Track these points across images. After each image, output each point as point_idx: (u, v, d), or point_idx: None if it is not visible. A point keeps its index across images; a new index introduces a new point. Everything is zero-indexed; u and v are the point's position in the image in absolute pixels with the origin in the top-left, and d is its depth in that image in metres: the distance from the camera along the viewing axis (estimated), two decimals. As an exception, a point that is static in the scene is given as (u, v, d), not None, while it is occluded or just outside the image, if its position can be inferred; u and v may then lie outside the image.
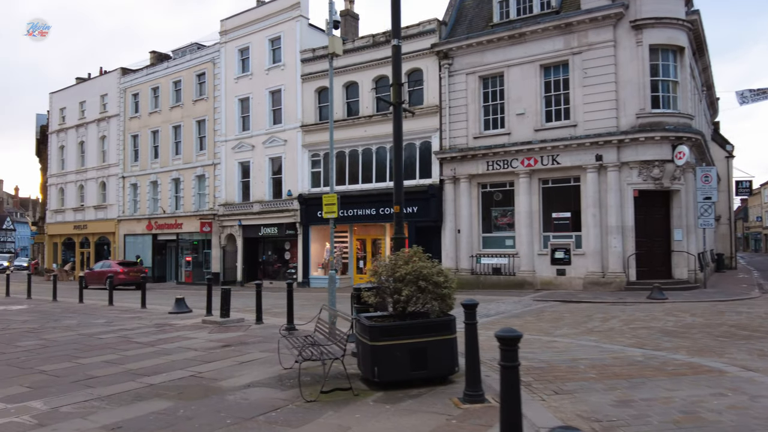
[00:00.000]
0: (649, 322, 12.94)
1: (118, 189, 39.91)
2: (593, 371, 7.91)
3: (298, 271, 29.84)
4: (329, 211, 11.12)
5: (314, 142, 29.21)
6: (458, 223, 24.54)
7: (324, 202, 11.24)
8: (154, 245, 37.61)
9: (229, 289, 13.93)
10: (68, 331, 13.10)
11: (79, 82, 45.85)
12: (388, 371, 6.67)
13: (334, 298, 11.02)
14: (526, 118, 23.23)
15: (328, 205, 11.14)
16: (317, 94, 29.49)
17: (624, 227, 21.43)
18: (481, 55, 24.20)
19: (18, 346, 11.06)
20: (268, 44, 31.46)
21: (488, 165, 23.77)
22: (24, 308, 19.15)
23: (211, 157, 34.01)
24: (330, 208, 11.14)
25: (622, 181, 21.56)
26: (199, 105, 34.97)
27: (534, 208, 23.02)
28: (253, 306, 18.42)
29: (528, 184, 23.04)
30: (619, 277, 21.19)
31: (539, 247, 22.93)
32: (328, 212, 11.12)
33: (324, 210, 11.22)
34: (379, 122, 26.77)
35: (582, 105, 22.21)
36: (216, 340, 11.13)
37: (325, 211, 11.18)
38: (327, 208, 11.15)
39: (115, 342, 11.28)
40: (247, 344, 10.60)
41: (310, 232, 29.45)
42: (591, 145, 21.71)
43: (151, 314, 16.49)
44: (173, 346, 10.63)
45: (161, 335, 12.04)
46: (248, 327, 12.86)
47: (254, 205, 31.41)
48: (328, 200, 11.15)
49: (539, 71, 23.19)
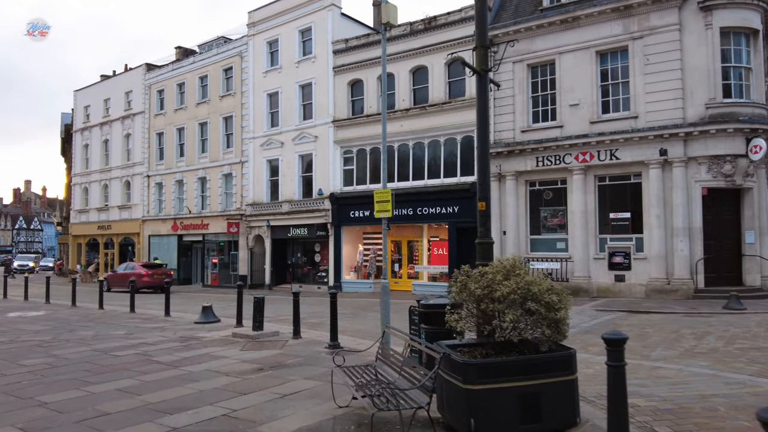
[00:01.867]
0: (753, 340, 11.00)
1: (143, 188, 38.73)
2: (741, 416, 6.07)
3: (329, 274, 28.24)
4: (382, 210, 9.40)
5: (347, 137, 27.56)
6: (504, 224, 22.68)
7: (376, 199, 9.52)
8: (180, 246, 36.30)
9: (263, 298, 12.29)
10: (82, 345, 11.58)
11: (103, 79, 44.85)
12: (489, 425, 4.92)
13: (388, 313, 9.30)
14: (580, 109, 21.29)
15: (381, 202, 9.41)
16: (350, 88, 27.83)
17: (691, 229, 19.40)
18: (529, 42, 22.31)
19: (22, 366, 9.55)
20: (298, 36, 29.90)
21: (538, 161, 21.87)
22: (40, 315, 17.78)
23: (239, 154, 32.57)
24: (383, 206, 9.41)
25: (689, 178, 19.51)
26: (225, 101, 33.56)
27: (589, 208, 21.07)
28: (287, 314, 16.85)
29: (582, 181, 21.10)
30: (686, 284, 19.15)
31: (595, 250, 20.97)
32: (381, 210, 9.40)
33: (376, 208, 9.49)
34: (416, 116, 25.02)
35: (643, 95, 20.21)
36: (250, 361, 9.49)
37: (378, 209, 9.46)
38: (379, 205, 9.43)
39: (133, 362, 9.70)
40: (287, 367, 8.93)
41: (342, 233, 27.80)
42: (654, 139, 19.70)
43: (176, 324, 14.96)
44: (200, 368, 9.01)
45: (186, 353, 10.45)
46: (285, 343, 11.21)
47: (283, 204, 29.88)
48: (381, 196, 9.43)
49: (595, 58, 21.23)
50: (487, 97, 7.10)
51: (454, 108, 23.85)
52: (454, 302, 5.75)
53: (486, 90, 7.02)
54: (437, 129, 24.47)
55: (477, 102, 7.03)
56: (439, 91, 24.38)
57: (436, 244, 25.54)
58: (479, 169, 7.09)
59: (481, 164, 7.05)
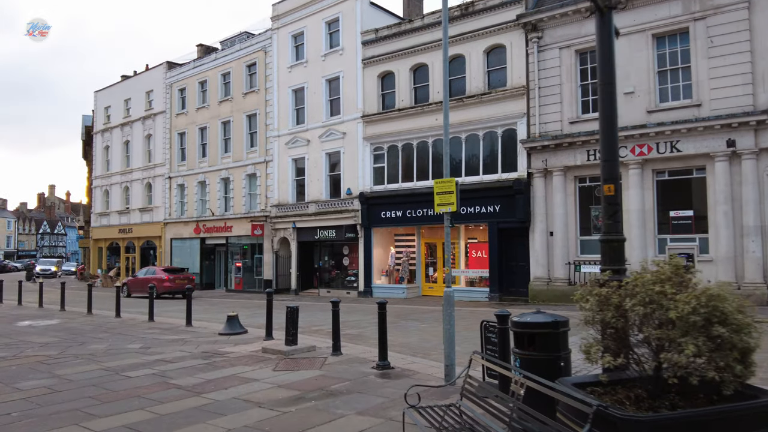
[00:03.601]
0: None
1: (165, 190, 37.51)
2: None
3: (358, 278, 26.63)
4: (445, 202, 7.71)
5: (377, 133, 25.94)
6: (550, 224, 20.88)
7: (436, 190, 7.82)
8: (202, 250, 34.96)
9: (296, 308, 10.70)
10: (91, 362, 10.08)
11: (123, 79, 43.83)
12: None
13: (453, 330, 7.62)
14: (635, 97, 19.44)
15: (443, 193, 7.72)
16: (380, 80, 26.21)
17: (764, 228, 17.46)
18: (578, 26, 20.50)
19: (17, 390, 8.06)
20: (324, 27, 28.39)
21: (589, 155, 20.03)
22: (51, 324, 16.39)
23: (263, 154, 31.15)
24: (445, 198, 7.72)
25: (761, 172, 17.56)
26: (249, 98, 32.18)
27: (647, 206, 19.20)
28: (320, 324, 15.31)
29: (639, 176, 19.23)
30: (759, 289, 17.18)
31: (654, 252, 19.06)
32: (444, 203, 7.72)
33: (437, 201, 7.81)
34: (452, 109, 23.02)
35: (707, 80, 18.31)
36: (286, 386, 7.88)
37: (439, 202, 7.78)
38: (441, 197, 7.75)
39: (147, 385, 8.16)
40: (332, 395, 7.31)
41: (373, 235, 26.17)
42: (721, 128, 17.79)
43: (198, 335, 13.44)
44: (227, 395, 7.43)
45: (210, 373, 8.88)
46: (324, 361, 9.59)
47: (310, 205, 28.35)
48: (443, 186, 7.74)
49: (651, 42, 19.37)
50: (612, 44, 5.45)
51: (494, 99, 22.12)
52: (588, 322, 4.06)
53: (610, 34, 5.37)
54: (475, 122, 22.76)
55: (599, 50, 5.40)
56: (477, 82, 22.67)
57: (474, 246, 23.81)
58: (605, 142, 5.43)
59: (607, 136, 5.39)
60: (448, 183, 7.75)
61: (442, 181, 7.83)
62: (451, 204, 7.69)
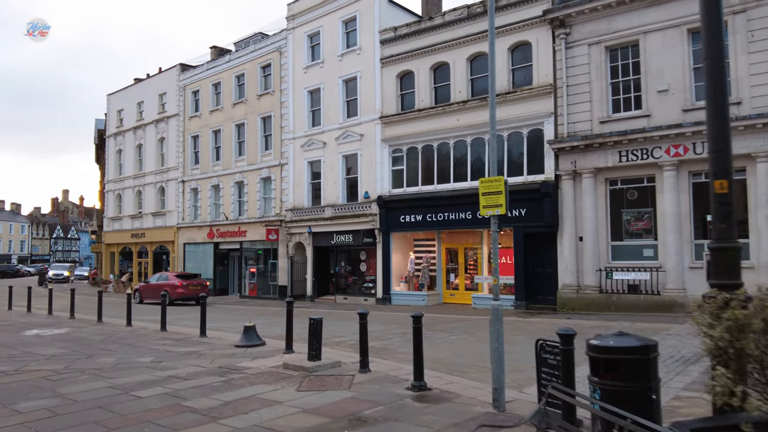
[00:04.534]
0: None
1: (178, 194, 36.87)
2: None
3: (376, 285, 25.77)
4: (492, 204, 6.84)
5: (396, 135, 25.11)
6: (580, 229, 19.92)
7: (481, 190, 6.93)
8: (216, 255, 34.25)
9: (320, 320, 9.86)
10: (97, 379, 9.29)
11: (136, 82, 43.36)
12: None
13: (502, 347, 6.72)
14: (670, 95, 18.48)
15: (490, 194, 6.85)
16: (399, 80, 25.39)
17: (810, 233, 16.44)
18: (608, 21, 19.60)
19: (15, 413, 7.27)
20: (341, 26, 27.64)
21: (620, 155, 19.07)
22: (59, 333, 15.65)
23: (278, 156, 30.40)
24: (493, 199, 6.84)
25: (806, 173, 16.57)
26: (264, 100, 31.48)
27: (683, 209, 18.21)
28: (342, 334, 14.47)
29: (675, 178, 18.25)
30: (806, 298, 16.11)
31: (690, 258, 18.08)
32: (490, 205, 6.85)
33: (482, 203, 6.94)
34: (474, 108, 22.44)
35: (747, 77, 17.33)
36: (312, 410, 7.03)
37: (485, 204, 6.91)
38: (487, 199, 6.87)
39: (158, 408, 7.35)
40: (366, 423, 6.44)
41: (392, 239, 25.30)
42: (763, 127, 16.77)
43: (213, 347, 12.63)
44: (247, 423, 6.58)
45: (227, 393, 8.05)
46: (352, 379, 8.73)
47: (326, 209, 27.55)
48: (490, 186, 6.85)
49: (686, 37, 18.43)
50: (720, 9, 4.56)
51: (519, 98, 21.21)
52: (716, 354, 3.18)
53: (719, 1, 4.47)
54: (499, 122, 21.68)
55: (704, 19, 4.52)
56: (501, 80, 21.76)
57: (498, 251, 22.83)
58: (714, 128, 4.52)
59: (716, 121, 4.49)
60: (496, 182, 6.88)
61: (488, 180, 6.96)
62: (499, 206, 6.81)
